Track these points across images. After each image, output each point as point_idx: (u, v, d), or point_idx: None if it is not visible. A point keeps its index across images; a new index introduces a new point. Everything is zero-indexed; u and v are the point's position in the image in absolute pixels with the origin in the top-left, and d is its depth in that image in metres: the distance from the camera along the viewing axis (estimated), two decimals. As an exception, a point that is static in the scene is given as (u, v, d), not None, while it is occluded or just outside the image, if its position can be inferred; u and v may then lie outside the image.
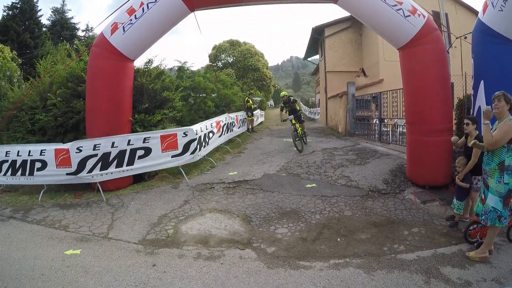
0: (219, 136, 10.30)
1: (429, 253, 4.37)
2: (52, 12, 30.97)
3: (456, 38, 8.04)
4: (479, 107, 5.72)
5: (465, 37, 7.27)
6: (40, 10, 26.05)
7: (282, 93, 11.94)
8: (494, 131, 3.92)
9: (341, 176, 7.58)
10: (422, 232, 5.00)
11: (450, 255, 4.29)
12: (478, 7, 6.34)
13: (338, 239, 4.83)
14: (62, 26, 30.03)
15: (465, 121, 4.97)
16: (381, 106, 12.32)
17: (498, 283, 3.60)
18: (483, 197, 4.09)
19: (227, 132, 11.38)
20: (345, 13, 7.81)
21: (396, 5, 6.27)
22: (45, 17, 32.44)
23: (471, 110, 6.18)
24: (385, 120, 12.28)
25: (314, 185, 7.11)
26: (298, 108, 11.28)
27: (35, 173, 6.72)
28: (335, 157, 9.46)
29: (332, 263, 4.15)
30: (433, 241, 4.72)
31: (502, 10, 5.22)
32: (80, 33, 31.34)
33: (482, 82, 5.71)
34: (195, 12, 7.18)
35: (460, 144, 5.20)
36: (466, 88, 7.85)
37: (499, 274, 3.79)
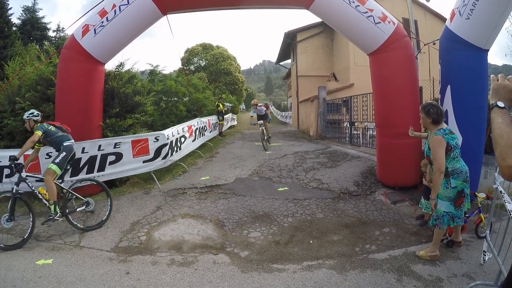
0: (193, 141, 10.24)
1: (400, 252, 4.47)
2: (23, 10, 29.70)
3: (425, 45, 8.34)
4: (446, 111, 5.94)
5: (434, 44, 7.52)
6: (10, 8, 24.86)
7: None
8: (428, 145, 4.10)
9: (313, 179, 7.70)
10: (393, 232, 5.13)
11: (421, 253, 4.42)
12: (447, 15, 6.59)
13: (311, 241, 4.89)
14: (33, 25, 28.85)
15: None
16: (351, 110, 12.60)
17: (468, 278, 3.72)
18: None
19: (199, 137, 11.33)
20: (317, 19, 7.95)
21: (367, 12, 6.44)
22: (15, 15, 31.02)
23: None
24: (356, 124, 12.55)
25: (286, 188, 7.19)
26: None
27: (4, 180, 6.44)
28: (306, 160, 9.59)
29: (305, 265, 4.20)
30: (404, 240, 4.85)
31: (468, 19, 5.44)
32: (51, 34, 30.19)
33: (449, 87, 5.91)
34: (167, 15, 7.11)
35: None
36: (433, 92, 8.15)
37: (469, 269, 3.93)
